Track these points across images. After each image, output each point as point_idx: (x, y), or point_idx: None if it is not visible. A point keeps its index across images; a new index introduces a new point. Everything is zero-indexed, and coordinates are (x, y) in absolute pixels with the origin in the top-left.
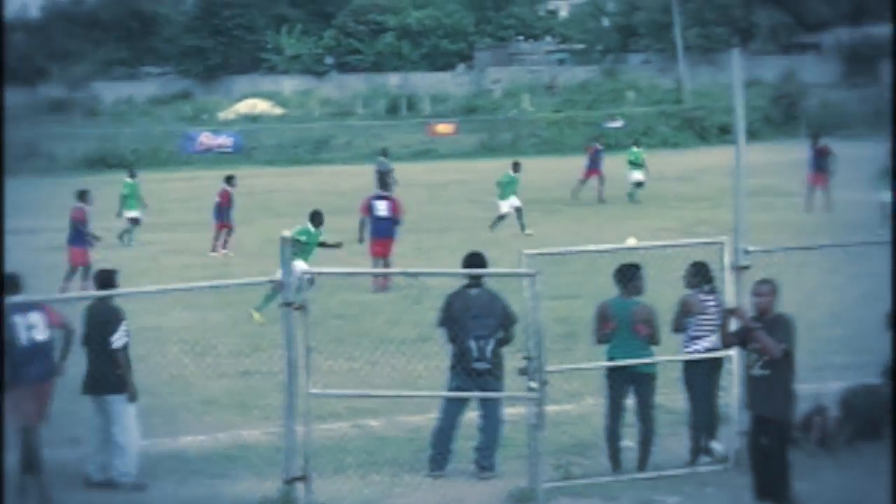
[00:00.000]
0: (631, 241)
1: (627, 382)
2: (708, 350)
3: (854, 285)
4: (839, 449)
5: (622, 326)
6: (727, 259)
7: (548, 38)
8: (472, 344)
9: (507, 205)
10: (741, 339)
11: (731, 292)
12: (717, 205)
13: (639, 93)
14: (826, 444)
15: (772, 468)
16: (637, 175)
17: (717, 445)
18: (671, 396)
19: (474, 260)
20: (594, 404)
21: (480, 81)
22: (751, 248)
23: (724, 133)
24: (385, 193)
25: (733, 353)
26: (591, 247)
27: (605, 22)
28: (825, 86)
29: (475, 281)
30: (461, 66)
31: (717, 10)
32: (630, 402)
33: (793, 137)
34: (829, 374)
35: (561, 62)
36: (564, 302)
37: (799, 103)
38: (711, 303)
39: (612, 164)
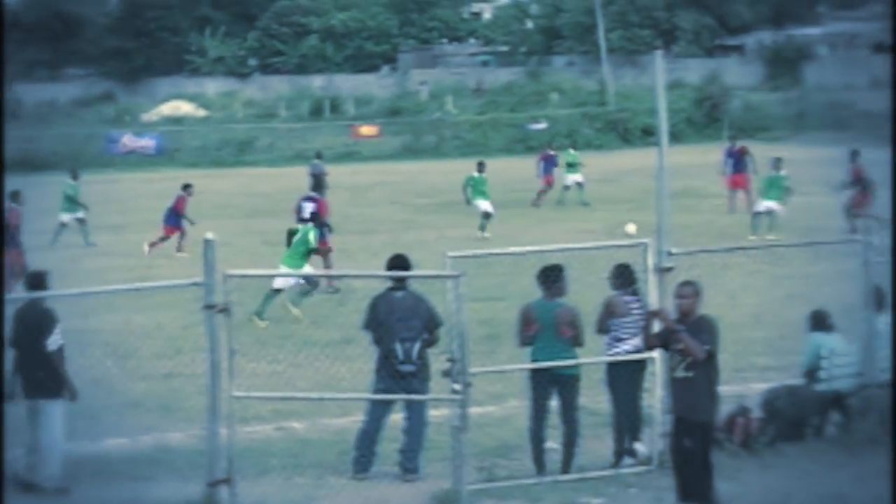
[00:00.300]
0: (630, 228)
1: (551, 384)
2: (631, 352)
3: (776, 287)
4: (762, 450)
5: (546, 328)
6: (650, 261)
7: (471, 41)
8: (398, 347)
9: (486, 204)
10: (664, 340)
11: (655, 294)
12: (640, 206)
13: (562, 95)
14: (749, 445)
15: (694, 470)
16: (575, 177)
17: (640, 447)
18: (595, 398)
19: (398, 262)
20: (518, 406)
21: (404, 83)
22: (674, 250)
23: (647, 135)
24: (312, 195)
25: (656, 354)
26: (515, 249)
27: (529, 24)
28: (748, 88)
29: (399, 283)
30: (385, 68)
31: (640, 13)
32: (554, 403)
33: (716, 139)
34: (752, 375)
35: (485, 64)
36: (488, 304)
37: (722, 105)
38: (635, 304)
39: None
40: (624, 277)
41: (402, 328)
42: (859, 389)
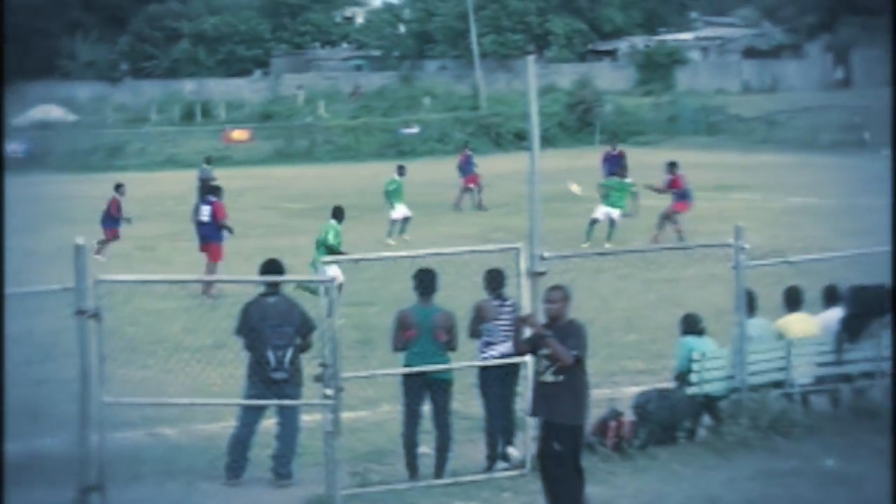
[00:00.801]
0: (574, 188)
1: (424, 389)
2: (503, 356)
3: (649, 290)
4: (634, 453)
5: (423, 333)
6: (523, 265)
7: (344, 45)
8: (270, 354)
9: (400, 212)
10: (533, 346)
11: (528, 298)
12: (512, 211)
13: (435, 99)
14: (621, 448)
15: (565, 474)
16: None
17: (513, 451)
18: (467, 403)
19: (271, 267)
20: (390, 411)
21: (276, 88)
22: (546, 254)
23: (519, 139)
24: (211, 198)
25: (528, 359)
26: (387, 253)
27: (402, 28)
28: (620, 93)
29: (272, 289)
30: (257, 73)
31: (512, 18)
32: (427, 408)
33: (588, 144)
34: (624, 378)
35: (358, 68)
36: (360, 308)
37: (594, 110)
38: (506, 309)
39: (411, 170)
40: (495, 282)
41: (273, 335)
42: (730, 393)
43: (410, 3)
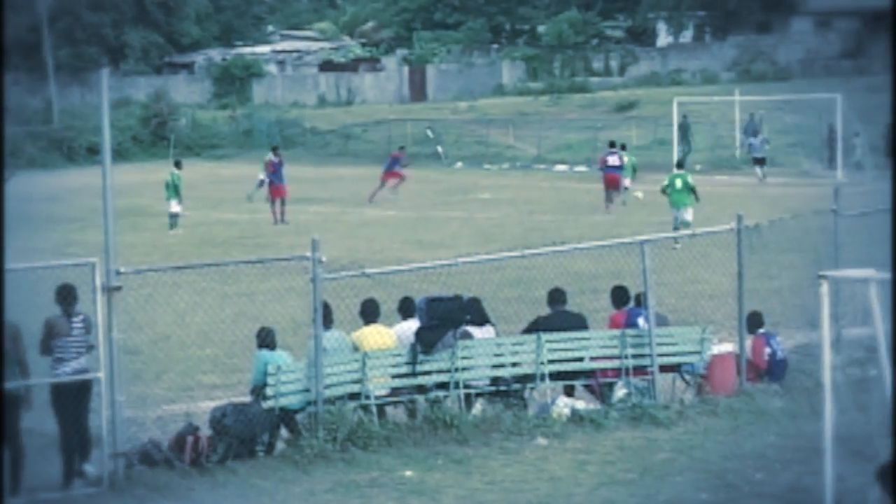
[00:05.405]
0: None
1: None
2: (75, 372)
3: (226, 305)
4: (213, 468)
5: None
6: (98, 280)
7: None
8: None
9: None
10: None
11: (103, 313)
12: (87, 225)
13: (6, 113)
14: (200, 463)
15: None
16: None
17: (90, 468)
18: (42, 420)
19: None
20: None
21: None
22: (122, 269)
23: (92, 153)
24: None
25: (102, 375)
26: None
27: None
28: (196, 106)
29: None
30: None
31: (87, 30)
32: None
33: (162, 157)
34: (200, 393)
35: None
36: None
37: (168, 123)
38: (78, 324)
39: None
40: (69, 297)
41: None
42: (306, 405)
43: None
